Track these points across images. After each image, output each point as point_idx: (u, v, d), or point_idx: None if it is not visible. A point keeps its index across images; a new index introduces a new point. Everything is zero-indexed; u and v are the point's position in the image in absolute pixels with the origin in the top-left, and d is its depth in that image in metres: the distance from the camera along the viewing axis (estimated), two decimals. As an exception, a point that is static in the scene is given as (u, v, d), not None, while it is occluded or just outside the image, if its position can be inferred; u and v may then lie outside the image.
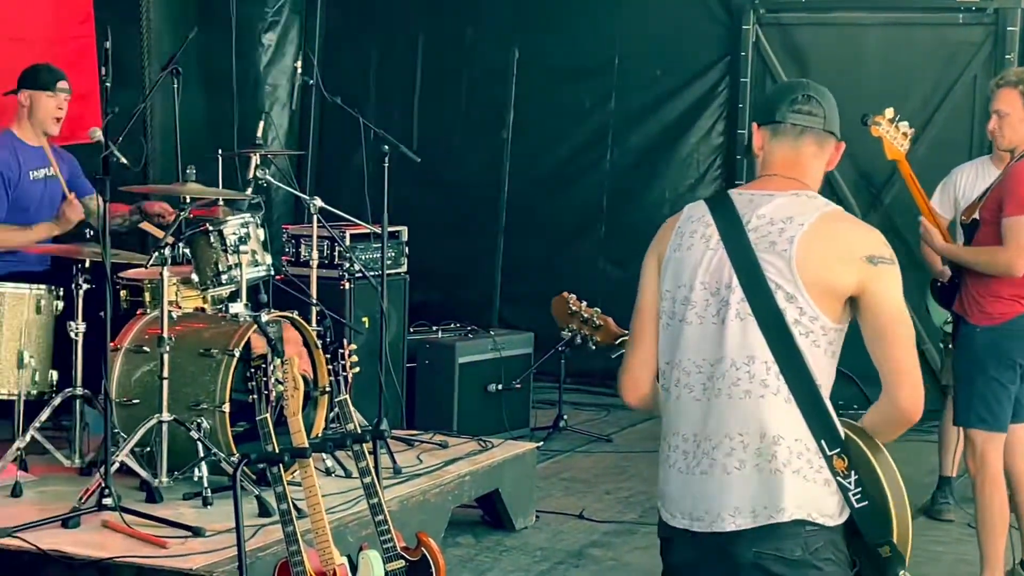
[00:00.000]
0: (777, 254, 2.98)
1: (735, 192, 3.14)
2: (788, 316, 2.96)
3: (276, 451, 4.37)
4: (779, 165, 3.13)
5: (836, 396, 3.02)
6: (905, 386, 2.99)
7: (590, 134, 9.70)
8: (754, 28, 9.33)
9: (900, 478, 3.06)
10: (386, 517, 4.46)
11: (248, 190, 6.31)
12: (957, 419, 5.53)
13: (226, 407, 5.40)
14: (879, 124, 5.92)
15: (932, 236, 5.74)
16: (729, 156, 9.46)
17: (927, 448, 6.82)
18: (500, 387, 7.82)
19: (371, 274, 6.80)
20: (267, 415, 4.41)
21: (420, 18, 9.99)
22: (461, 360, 7.67)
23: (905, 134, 5.90)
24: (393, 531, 4.45)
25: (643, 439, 8.00)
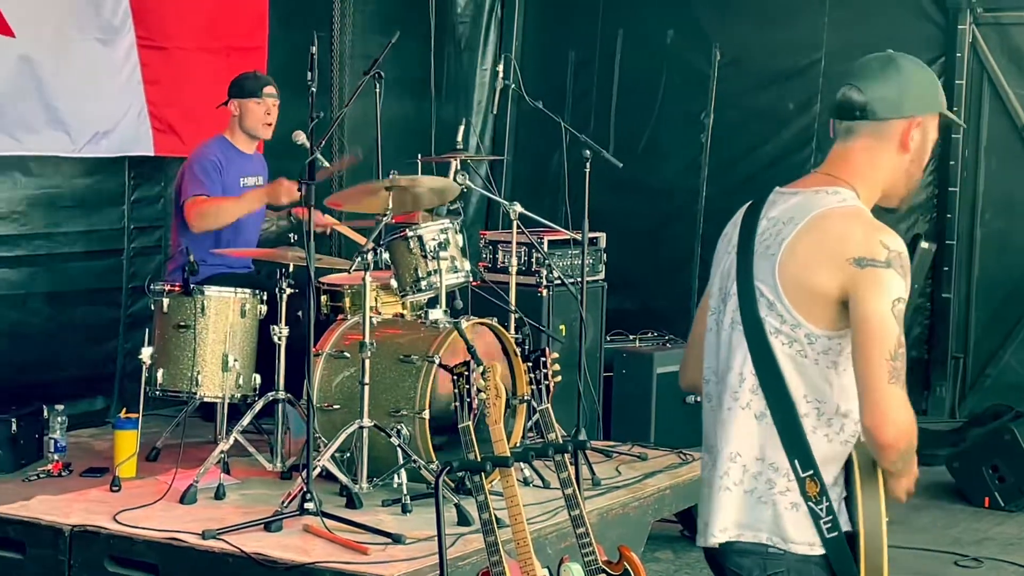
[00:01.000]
0: (767, 259, 2.87)
1: (776, 190, 3.01)
2: (767, 325, 2.83)
3: (478, 460, 4.43)
4: (828, 162, 2.99)
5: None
6: (870, 406, 2.71)
7: (792, 139, 9.57)
8: (970, 28, 9.11)
9: (883, 512, 2.83)
10: (588, 529, 4.48)
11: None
12: None
13: (426, 414, 5.50)
14: None
15: None
16: (942, 162, 9.23)
17: None
18: (698, 400, 7.75)
19: (569, 281, 6.84)
20: (469, 423, 4.48)
21: (620, 19, 9.98)
22: (659, 370, 7.64)
23: None
24: (595, 544, 4.47)
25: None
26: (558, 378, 4.77)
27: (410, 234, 5.86)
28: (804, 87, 9.54)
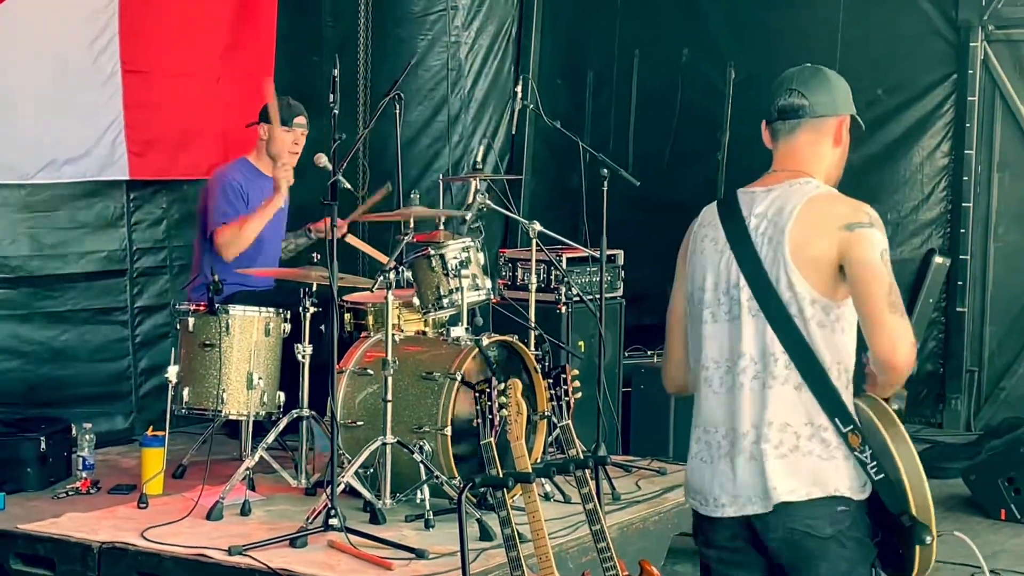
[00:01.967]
0: (774, 248, 3.20)
1: (741, 191, 3.36)
2: (792, 308, 3.17)
3: (500, 476, 4.42)
4: (780, 160, 3.39)
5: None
6: (880, 337, 3.13)
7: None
8: (982, 45, 9.07)
9: (915, 451, 3.17)
10: (609, 544, 4.45)
11: (469, 215, 6.40)
12: None
13: (448, 430, 5.50)
14: None
15: None
16: (955, 177, 9.21)
17: None
18: (680, 411, 7.75)
19: (588, 298, 6.83)
20: (491, 439, 4.47)
21: (636, 39, 9.96)
22: (677, 385, 7.61)
23: None
24: (616, 558, 4.46)
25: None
26: (578, 394, 4.75)
27: (432, 253, 5.87)
28: (818, 104, 9.49)
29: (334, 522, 5.10)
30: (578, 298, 7.00)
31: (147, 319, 7.44)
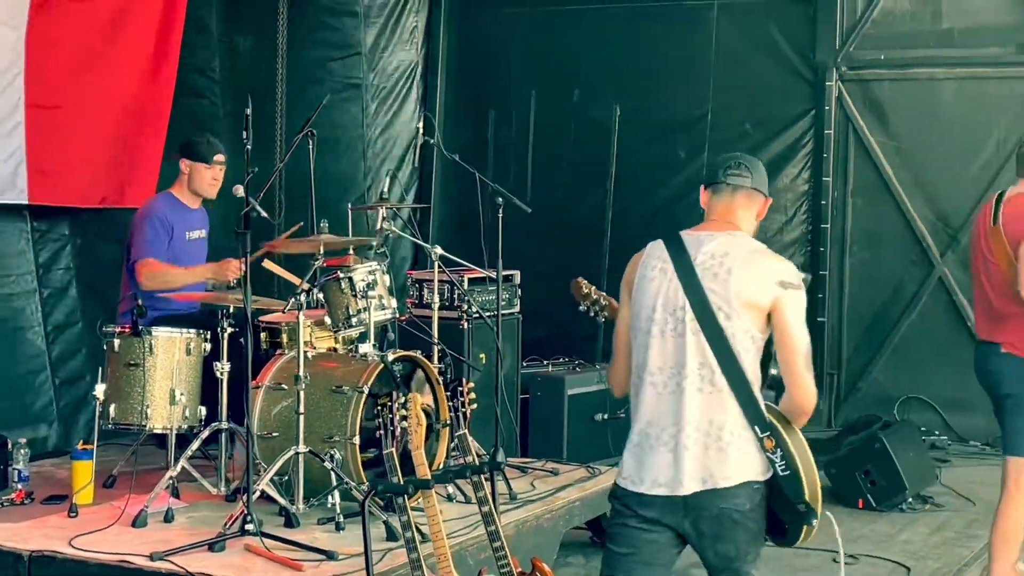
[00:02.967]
0: (719, 283, 3.47)
1: (685, 233, 3.60)
2: (727, 331, 3.44)
3: (401, 483, 4.23)
4: (718, 213, 3.64)
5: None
6: (797, 389, 3.47)
7: (685, 183, 9.45)
8: (836, 84, 9.09)
9: (808, 447, 3.47)
10: (503, 543, 4.29)
11: (375, 241, 6.21)
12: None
13: (356, 439, 5.29)
14: None
15: None
16: (815, 201, 9.20)
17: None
18: (606, 416, 7.61)
19: (487, 314, 6.68)
20: (392, 449, 4.29)
21: (532, 81, 9.85)
22: (570, 392, 7.48)
23: None
24: (510, 556, 4.28)
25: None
26: (474, 405, 4.57)
27: (342, 276, 5.69)
28: (693, 138, 9.46)
29: (250, 527, 4.86)
30: (478, 315, 6.83)
31: (59, 337, 7.11)
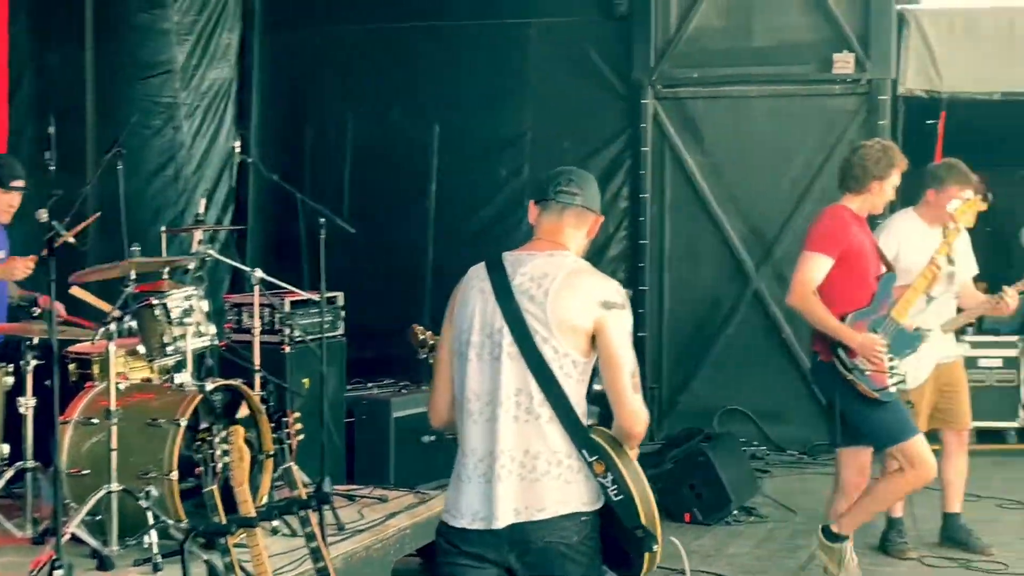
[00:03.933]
0: (536, 305, 3.26)
1: (508, 254, 3.39)
2: (546, 354, 3.23)
3: (224, 522, 3.93)
4: (545, 231, 3.40)
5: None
6: (623, 412, 3.23)
7: (507, 201, 9.36)
8: (652, 102, 9.12)
9: (640, 470, 3.25)
10: (332, 580, 4.02)
11: (191, 264, 5.85)
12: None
13: (174, 475, 4.94)
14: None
15: None
16: (634, 217, 9.19)
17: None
18: (433, 438, 7.37)
19: (310, 338, 6.39)
20: (214, 487, 3.97)
21: (349, 100, 9.61)
22: (396, 414, 7.19)
23: None
24: (339, 594, 4.02)
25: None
26: (300, 436, 4.30)
27: (155, 302, 5.33)
28: (514, 156, 9.36)
29: (59, 573, 4.46)
30: (301, 339, 6.53)
31: None
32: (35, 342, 5.11)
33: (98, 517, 4.92)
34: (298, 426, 4.29)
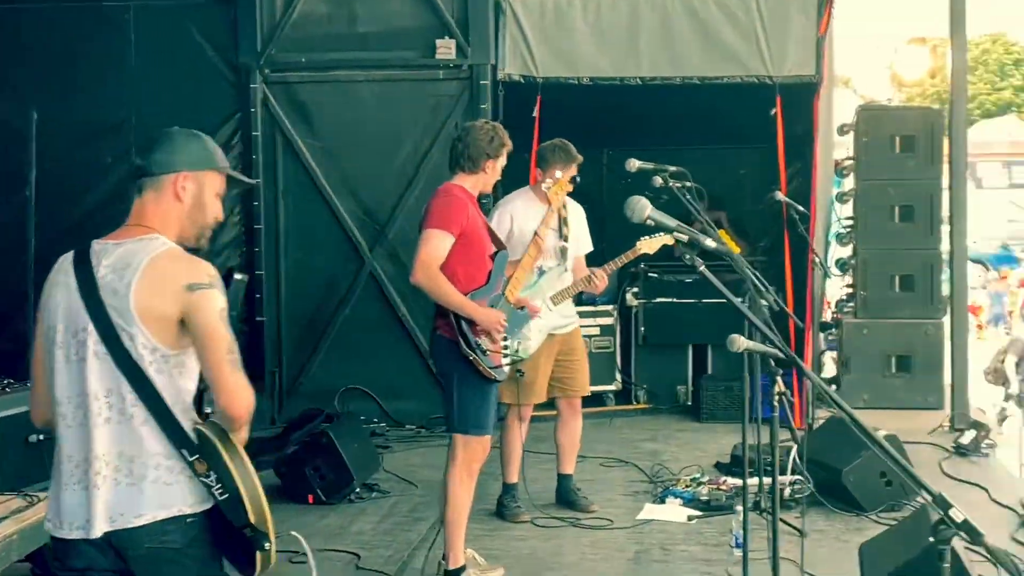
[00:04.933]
0: (119, 299, 3.07)
1: (95, 242, 3.18)
2: (134, 352, 3.06)
3: None
4: (133, 216, 3.22)
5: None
6: (222, 392, 3.07)
7: (114, 186, 8.94)
8: (261, 87, 8.97)
9: (251, 466, 3.11)
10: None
11: None
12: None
13: None
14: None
15: None
16: (246, 203, 9.02)
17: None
18: (41, 437, 6.94)
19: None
20: None
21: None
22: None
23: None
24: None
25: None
26: None
27: None
28: (119, 142, 8.97)
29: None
30: None
31: None
32: None
33: None
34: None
